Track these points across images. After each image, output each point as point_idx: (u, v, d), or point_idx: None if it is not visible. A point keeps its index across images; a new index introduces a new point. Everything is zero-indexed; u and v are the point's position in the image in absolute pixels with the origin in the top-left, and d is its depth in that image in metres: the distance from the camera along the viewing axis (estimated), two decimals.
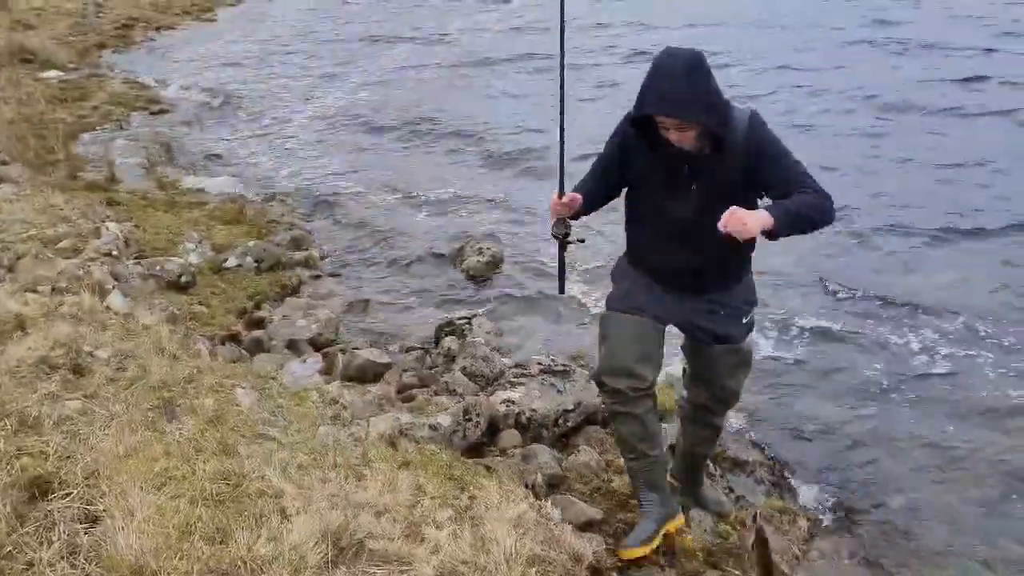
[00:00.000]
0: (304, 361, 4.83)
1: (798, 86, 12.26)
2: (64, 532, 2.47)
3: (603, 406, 4.17)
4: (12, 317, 4.13)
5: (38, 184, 8.65)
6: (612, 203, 3.26)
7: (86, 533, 2.48)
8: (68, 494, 2.67)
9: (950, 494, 3.89)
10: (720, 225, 2.60)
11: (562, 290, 3.46)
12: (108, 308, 4.77)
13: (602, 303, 6.13)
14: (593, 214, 3.27)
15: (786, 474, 4.08)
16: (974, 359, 5.06)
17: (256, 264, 6.85)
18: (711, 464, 3.87)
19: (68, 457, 2.88)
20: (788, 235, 2.66)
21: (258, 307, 6.26)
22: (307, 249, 7.88)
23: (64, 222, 6.75)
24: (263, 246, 7.08)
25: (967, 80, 11.69)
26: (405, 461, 3.32)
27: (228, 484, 2.80)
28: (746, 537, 3.30)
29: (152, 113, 15.35)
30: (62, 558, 2.37)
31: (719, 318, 3.10)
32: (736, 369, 3.24)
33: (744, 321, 3.16)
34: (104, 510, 2.53)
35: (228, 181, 10.45)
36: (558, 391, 4.48)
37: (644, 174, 3.01)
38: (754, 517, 3.11)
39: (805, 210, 2.65)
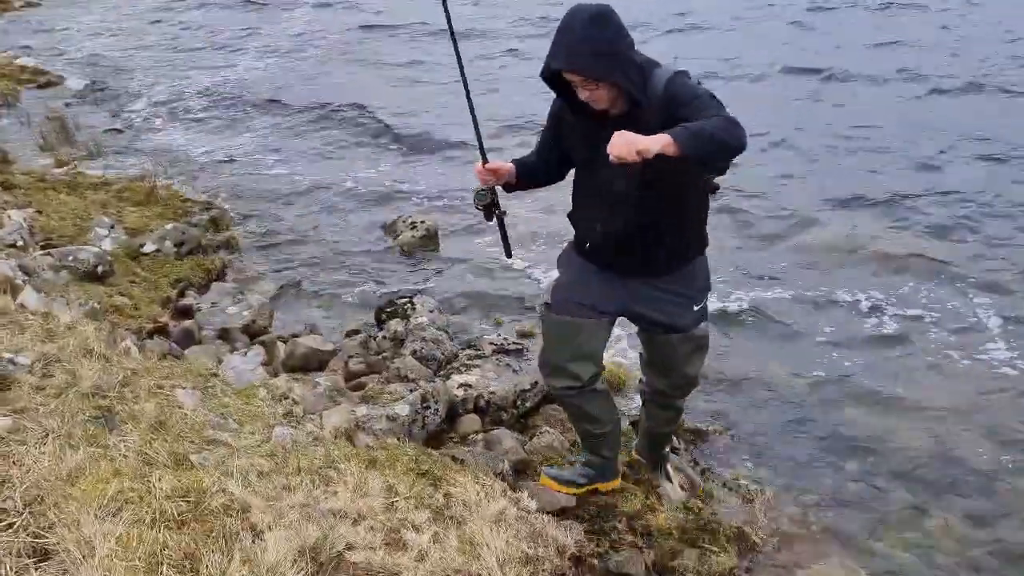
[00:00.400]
0: (245, 354, 4.57)
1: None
2: (12, 569, 2.23)
3: None
4: None
5: None
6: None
7: (36, 569, 2.24)
8: (11, 525, 2.41)
9: (905, 451, 4.00)
10: (610, 154, 2.37)
11: (508, 254, 3.32)
12: (22, 307, 4.39)
13: (544, 272, 6.15)
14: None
15: (748, 442, 4.11)
16: (920, 319, 5.21)
17: (176, 248, 6.47)
18: (675, 439, 3.85)
19: (3, 482, 2.61)
20: (695, 155, 2.38)
21: (182, 295, 5.93)
22: (227, 230, 7.52)
23: None
24: (182, 228, 6.69)
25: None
26: (371, 459, 3.16)
27: (188, 502, 2.59)
28: None
29: (40, 86, 14.37)
30: None
31: (668, 307, 3.00)
32: (691, 356, 3.16)
33: (696, 308, 3.04)
34: (56, 543, 2.29)
35: (132, 159, 9.87)
36: (514, 371, 4.39)
37: (573, 142, 2.91)
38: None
39: (710, 129, 2.38)
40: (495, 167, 3.03)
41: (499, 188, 3.11)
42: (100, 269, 5.55)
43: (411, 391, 4.05)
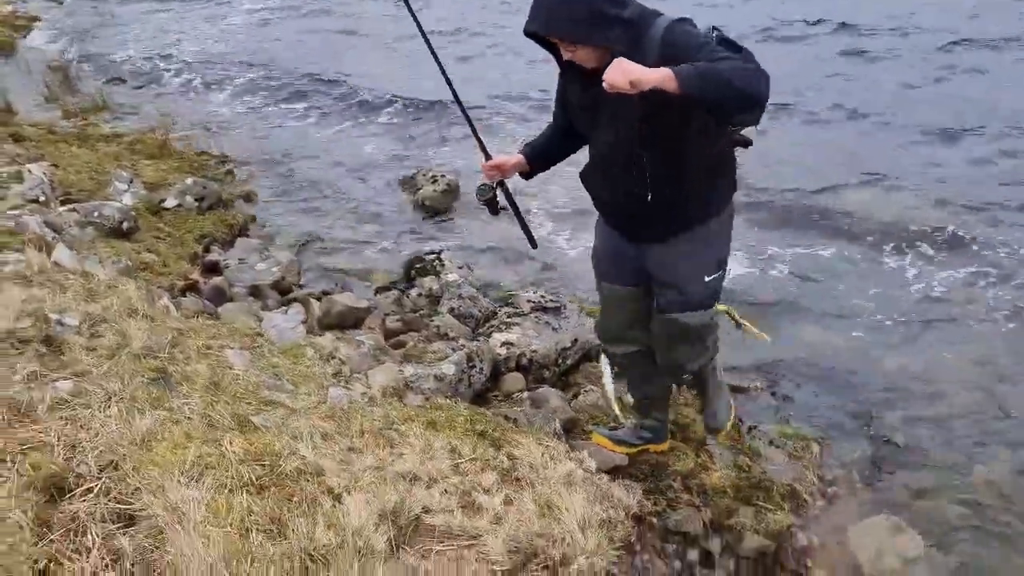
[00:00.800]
0: (285, 312, 4.55)
1: None
2: (98, 536, 2.24)
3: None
4: None
5: None
6: None
7: (124, 535, 2.25)
8: (88, 490, 2.42)
9: (949, 407, 4.03)
10: (604, 81, 2.18)
11: (533, 245, 3.19)
12: (57, 265, 4.34)
13: (571, 237, 6.07)
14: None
15: (790, 399, 4.14)
16: (966, 281, 5.17)
17: (197, 203, 6.40)
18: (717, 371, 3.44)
19: (74, 447, 2.61)
20: (700, 96, 2.17)
21: (207, 250, 5.89)
22: (246, 183, 7.43)
23: None
24: (202, 183, 6.61)
25: None
26: (430, 421, 3.17)
27: (263, 466, 2.60)
28: None
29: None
30: (106, 567, 2.14)
31: (680, 268, 2.78)
32: (679, 342, 2.93)
33: (707, 279, 2.79)
34: (142, 509, 2.30)
35: (139, 110, 9.69)
36: (553, 329, 4.39)
37: (572, 104, 2.74)
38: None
39: (722, 70, 2.14)
40: (498, 163, 2.92)
41: (513, 180, 3.03)
42: (125, 225, 5.48)
43: (454, 350, 4.05)
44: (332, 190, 7.32)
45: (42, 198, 5.57)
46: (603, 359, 3.78)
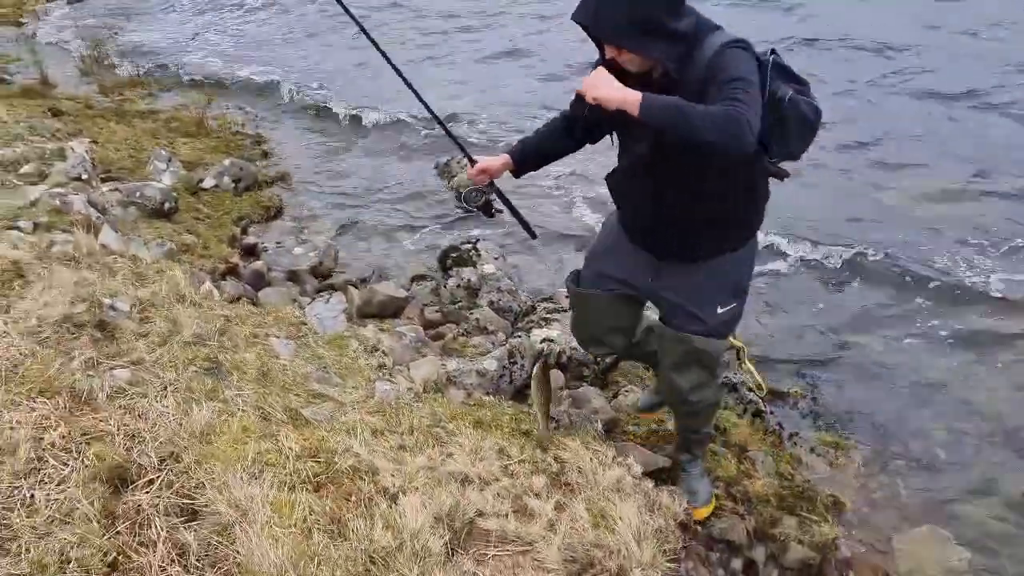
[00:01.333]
0: (327, 300, 4.58)
1: None
2: (163, 529, 2.27)
3: None
4: (9, 264, 3.74)
5: None
6: None
7: (188, 529, 2.29)
8: (150, 482, 2.45)
9: (994, 415, 3.99)
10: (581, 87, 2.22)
11: (533, 235, 3.14)
12: (104, 247, 4.38)
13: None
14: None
15: (832, 405, 4.13)
16: (1016, 283, 5.07)
17: (234, 184, 6.43)
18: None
19: (134, 437, 2.65)
20: (660, 128, 2.13)
21: (244, 232, 5.92)
22: (280, 165, 7.45)
23: (18, 141, 6.14)
24: (239, 164, 6.63)
25: None
26: (477, 419, 3.19)
27: (318, 462, 2.63)
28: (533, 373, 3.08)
29: (69, 2, 14.10)
30: (172, 561, 2.18)
31: (691, 292, 2.67)
32: (686, 365, 2.78)
33: (719, 311, 2.66)
34: (205, 504, 2.33)
35: (175, 86, 9.72)
36: None
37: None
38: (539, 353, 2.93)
39: (693, 111, 2.07)
40: (484, 166, 2.85)
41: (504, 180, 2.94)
42: (167, 206, 5.52)
43: (495, 345, 4.07)
44: (367, 174, 7.33)
45: (84, 176, 5.61)
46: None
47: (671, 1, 2.25)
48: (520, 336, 4.18)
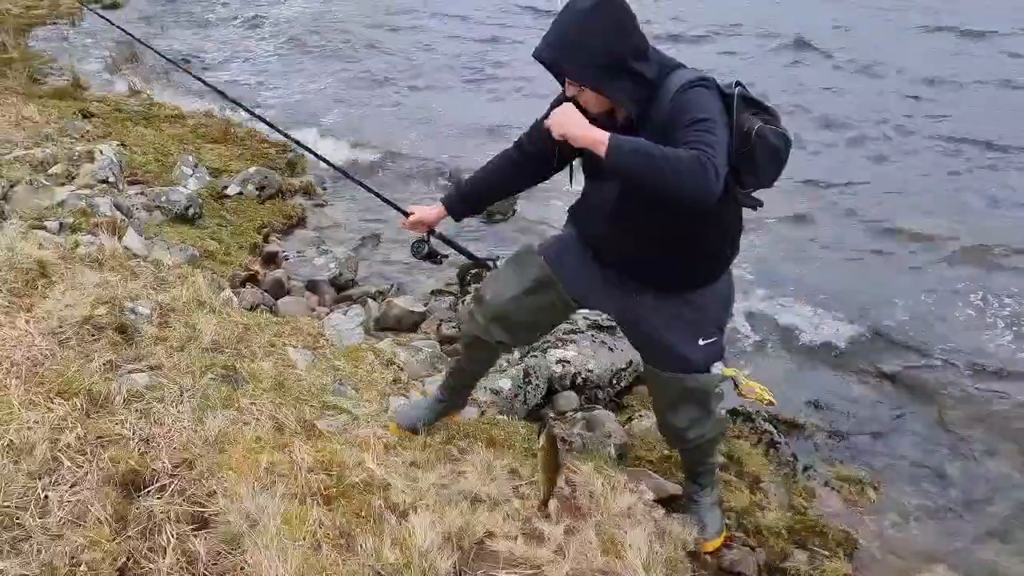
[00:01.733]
0: (345, 312, 4.60)
1: None
2: (173, 536, 2.28)
3: None
4: (33, 263, 3.78)
5: (0, 90, 8.00)
6: None
7: (197, 537, 2.29)
8: (163, 488, 2.47)
9: (1013, 456, 3.93)
10: (546, 121, 2.20)
11: (487, 267, 3.08)
12: (127, 249, 4.43)
13: None
14: None
15: (847, 439, 4.08)
16: None
17: (258, 192, 6.49)
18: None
19: (148, 441, 2.66)
20: (624, 172, 2.11)
21: (266, 240, 5.96)
22: (304, 174, 7.51)
23: (48, 141, 6.25)
24: (264, 172, 6.69)
25: None
26: (490, 438, 3.18)
27: (330, 475, 2.63)
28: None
29: (104, 7, 14.31)
30: (181, 569, 2.19)
31: (669, 320, 2.57)
32: (678, 403, 2.71)
33: (701, 343, 2.58)
34: (216, 513, 2.34)
35: (203, 91, 9.82)
36: (609, 349, 4.38)
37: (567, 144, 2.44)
38: (543, 422, 2.72)
39: (666, 157, 2.02)
40: (419, 218, 2.80)
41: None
42: (191, 211, 5.57)
43: (510, 363, 4.06)
44: (387, 185, 7.36)
45: (111, 178, 5.68)
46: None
47: (637, 44, 2.22)
48: (536, 355, 4.17)
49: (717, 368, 2.68)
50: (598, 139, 2.08)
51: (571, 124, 2.13)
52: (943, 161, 7.73)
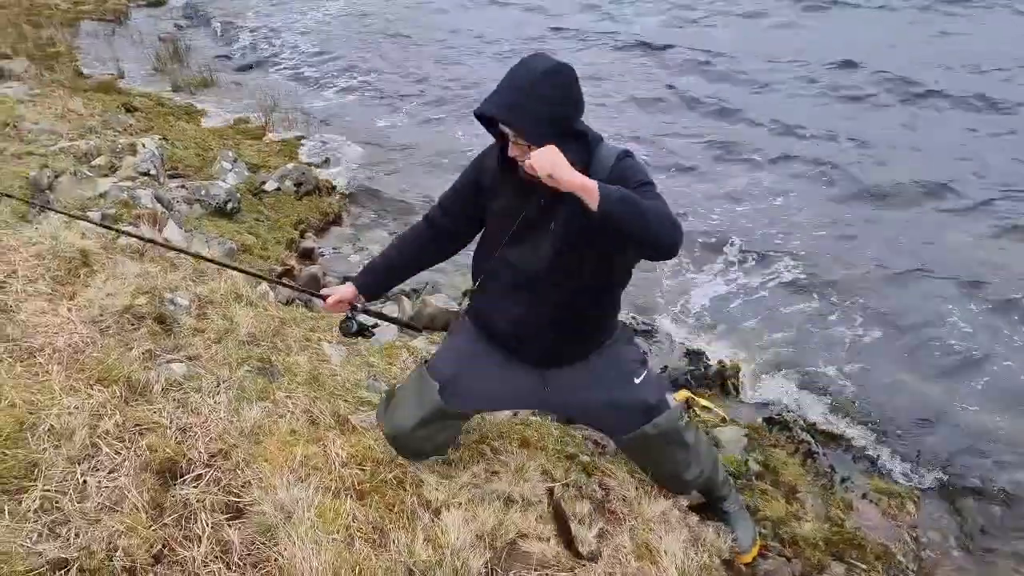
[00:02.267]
0: (380, 310, 4.59)
1: None
2: (208, 524, 2.29)
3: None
4: (76, 252, 3.84)
5: (47, 83, 8.15)
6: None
7: (232, 527, 2.30)
8: (199, 476, 2.48)
9: None
10: (526, 164, 2.09)
11: (418, 331, 3.14)
12: (167, 241, 4.48)
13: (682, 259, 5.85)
14: None
15: (886, 448, 3.99)
16: None
17: (296, 188, 6.53)
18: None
19: (185, 431, 2.68)
20: (615, 219, 2.02)
21: (303, 235, 6.00)
22: (341, 171, 7.55)
23: (92, 134, 6.35)
24: (301, 169, 6.74)
25: None
26: (523, 439, 3.16)
27: (363, 470, 2.63)
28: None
29: (149, 4, 14.56)
30: (215, 558, 2.19)
31: (603, 381, 2.54)
32: (658, 456, 2.68)
33: (637, 381, 2.56)
34: (251, 504, 2.34)
35: (244, 89, 9.95)
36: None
37: (494, 208, 2.43)
38: (550, 491, 2.71)
39: (648, 207, 2.05)
40: (339, 299, 2.70)
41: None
42: (230, 206, 5.62)
43: None
44: (425, 185, 7.38)
45: (152, 171, 5.76)
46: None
47: (578, 104, 2.23)
48: None
49: (670, 399, 2.66)
50: (588, 185, 2.00)
51: (561, 165, 2.02)
52: None
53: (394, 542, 2.31)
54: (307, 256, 5.59)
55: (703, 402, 3.93)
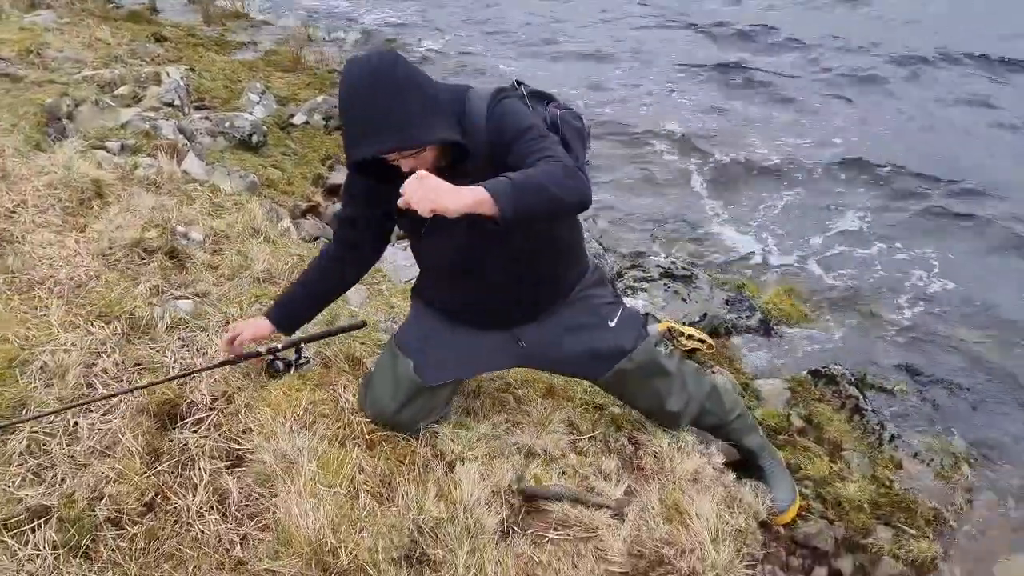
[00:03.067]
0: (405, 248, 4.40)
1: None
2: (206, 472, 2.15)
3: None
4: (89, 183, 3.69)
5: (76, 11, 7.98)
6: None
7: (231, 475, 2.15)
8: (200, 420, 2.33)
9: None
10: (400, 200, 1.75)
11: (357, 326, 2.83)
12: (186, 173, 4.31)
13: (725, 204, 5.58)
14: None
15: (940, 407, 3.73)
16: None
17: (325, 122, 6.31)
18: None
19: (188, 372, 2.53)
20: (525, 216, 1.79)
21: (331, 171, 5.80)
22: None
23: (117, 63, 6.18)
24: (331, 102, 6.49)
25: None
26: (548, 387, 2.96)
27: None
28: None
29: None
30: (211, 508, 2.05)
31: (579, 333, 2.39)
32: (639, 391, 2.54)
33: (611, 324, 2.41)
34: (252, 451, 2.19)
35: (278, 21, 9.68)
36: (683, 299, 4.10)
37: (406, 213, 1.98)
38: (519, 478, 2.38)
39: (539, 179, 1.82)
40: (251, 335, 2.43)
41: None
42: (255, 139, 5.43)
43: None
44: None
45: (176, 102, 5.58)
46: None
47: (418, 77, 1.96)
48: None
49: (651, 329, 2.41)
50: (479, 199, 1.73)
51: (443, 194, 1.72)
52: None
53: (403, 496, 2.15)
54: (334, 193, 5.39)
55: (687, 330, 3.70)
